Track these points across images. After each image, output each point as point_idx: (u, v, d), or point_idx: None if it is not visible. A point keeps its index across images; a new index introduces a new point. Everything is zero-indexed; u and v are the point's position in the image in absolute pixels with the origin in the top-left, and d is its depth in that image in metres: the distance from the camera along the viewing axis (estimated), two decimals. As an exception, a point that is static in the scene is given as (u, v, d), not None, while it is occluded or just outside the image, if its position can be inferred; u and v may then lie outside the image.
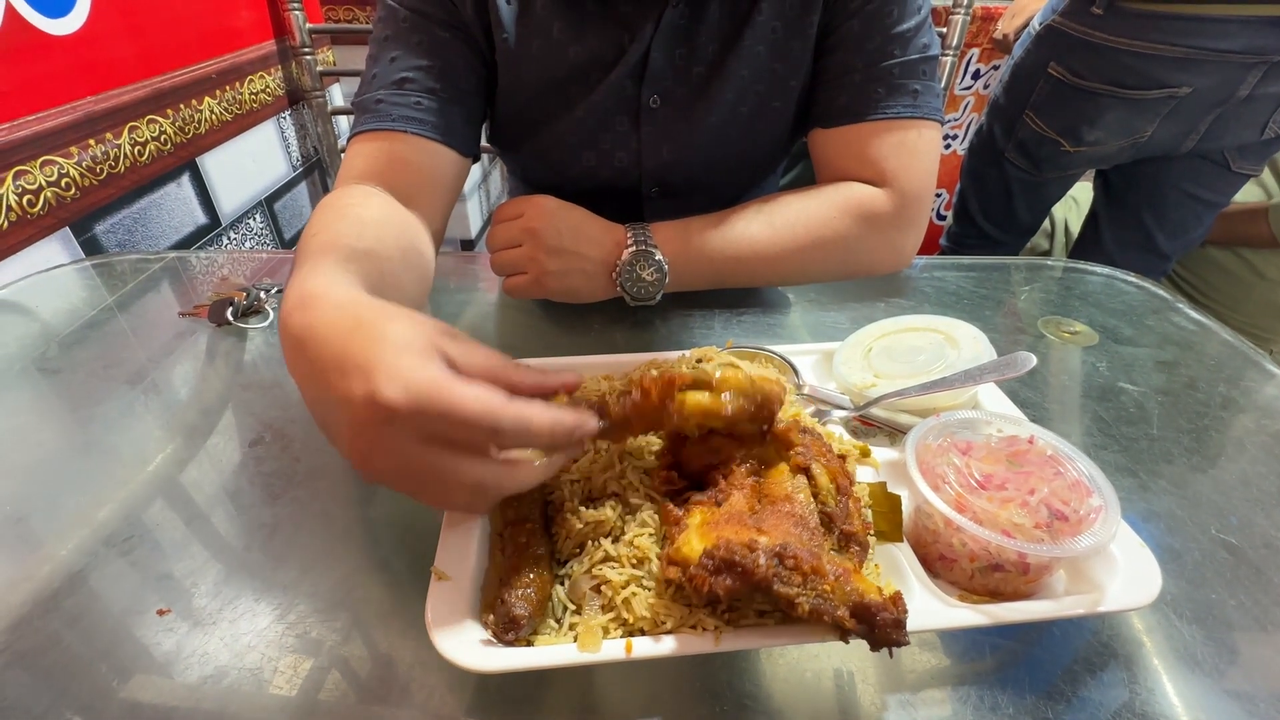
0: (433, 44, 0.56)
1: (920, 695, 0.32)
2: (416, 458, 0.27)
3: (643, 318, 0.61)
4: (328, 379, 0.28)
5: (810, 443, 0.35)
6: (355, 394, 0.27)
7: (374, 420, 0.27)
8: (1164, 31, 0.85)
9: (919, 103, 0.57)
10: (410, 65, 0.55)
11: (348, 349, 0.28)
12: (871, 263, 0.61)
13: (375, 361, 0.27)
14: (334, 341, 0.29)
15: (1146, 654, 0.34)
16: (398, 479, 0.29)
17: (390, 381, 0.26)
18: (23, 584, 0.37)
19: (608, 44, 0.58)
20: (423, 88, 0.55)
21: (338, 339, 0.29)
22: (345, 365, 0.28)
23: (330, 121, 1.35)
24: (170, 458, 0.46)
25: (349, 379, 0.27)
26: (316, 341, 0.30)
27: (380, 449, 0.28)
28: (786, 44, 0.59)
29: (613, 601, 0.31)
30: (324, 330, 0.30)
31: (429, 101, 0.55)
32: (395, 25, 0.56)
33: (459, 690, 0.32)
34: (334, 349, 0.29)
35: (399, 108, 0.54)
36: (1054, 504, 0.33)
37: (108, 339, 0.59)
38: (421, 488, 0.29)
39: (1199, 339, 0.61)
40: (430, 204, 0.55)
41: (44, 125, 0.76)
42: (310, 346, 0.30)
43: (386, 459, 0.28)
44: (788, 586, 0.28)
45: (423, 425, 0.27)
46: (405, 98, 0.54)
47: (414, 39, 0.55)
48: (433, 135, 0.55)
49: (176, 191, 0.99)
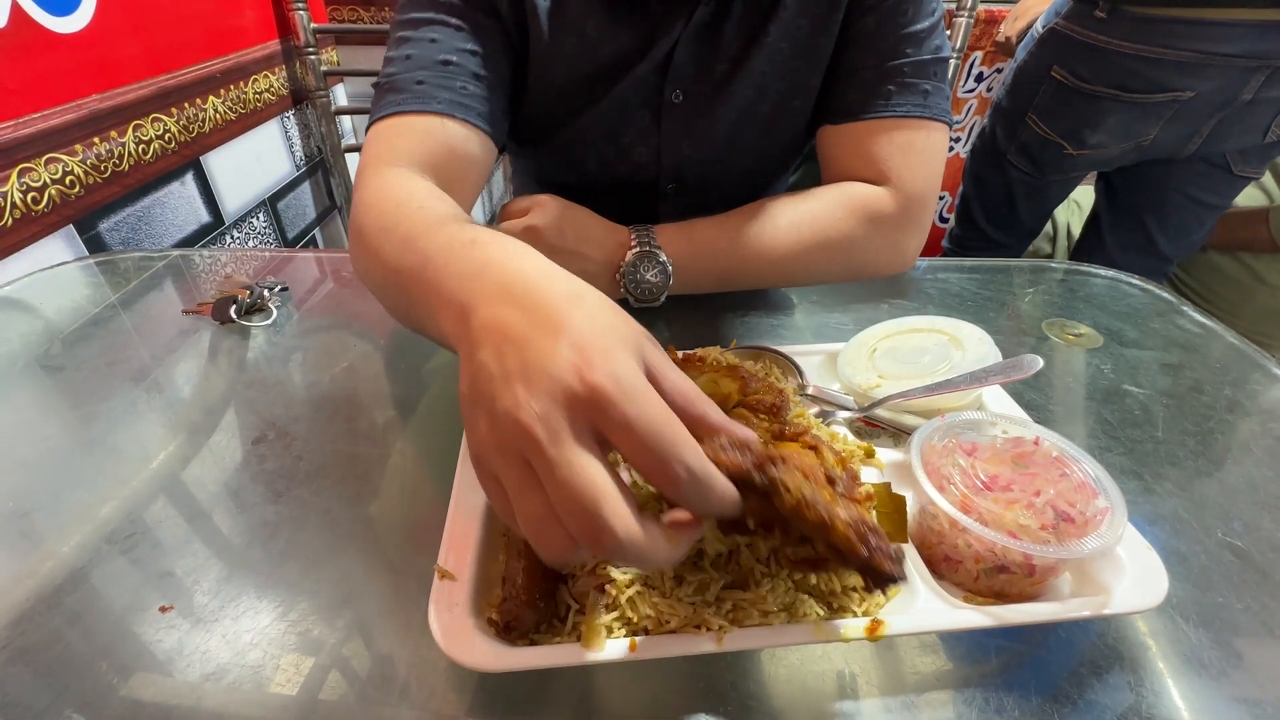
0: (476, 29, 0.54)
1: (924, 697, 0.32)
2: (581, 457, 0.24)
3: (647, 319, 0.61)
4: (531, 334, 0.25)
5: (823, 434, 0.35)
6: (561, 360, 0.24)
7: (572, 397, 0.24)
8: (1167, 35, 0.85)
9: (928, 103, 0.57)
10: (454, 48, 0.53)
11: (569, 316, 0.26)
12: (875, 264, 0.61)
13: (592, 338, 0.25)
14: (553, 299, 0.26)
15: (1152, 657, 0.34)
16: (522, 472, 0.25)
17: (604, 362, 0.24)
18: (25, 580, 0.37)
19: (637, 41, 0.58)
20: (468, 72, 0.53)
21: (558, 300, 0.26)
22: (559, 328, 0.25)
23: (334, 121, 1.35)
24: (173, 455, 0.46)
25: (557, 339, 0.25)
26: (533, 292, 0.27)
27: (556, 427, 0.24)
28: (811, 41, 0.58)
29: (616, 601, 0.31)
30: (542, 284, 0.27)
31: (474, 87, 0.53)
32: (434, 6, 0.53)
33: (461, 689, 0.32)
34: (551, 307, 0.26)
35: (444, 90, 0.51)
36: (1060, 506, 0.33)
37: (111, 336, 0.59)
38: (542, 491, 0.24)
39: (1204, 342, 0.61)
40: (467, 192, 0.53)
41: (49, 123, 0.76)
42: (525, 294, 0.27)
43: (550, 441, 0.24)
44: (787, 475, 0.26)
45: (613, 425, 0.24)
46: (450, 80, 0.52)
47: (456, 21, 0.53)
48: (478, 123, 0.52)
49: (180, 190, 0.99)
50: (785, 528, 0.28)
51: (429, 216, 0.38)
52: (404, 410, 0.50)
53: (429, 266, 0.33)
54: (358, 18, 1.39)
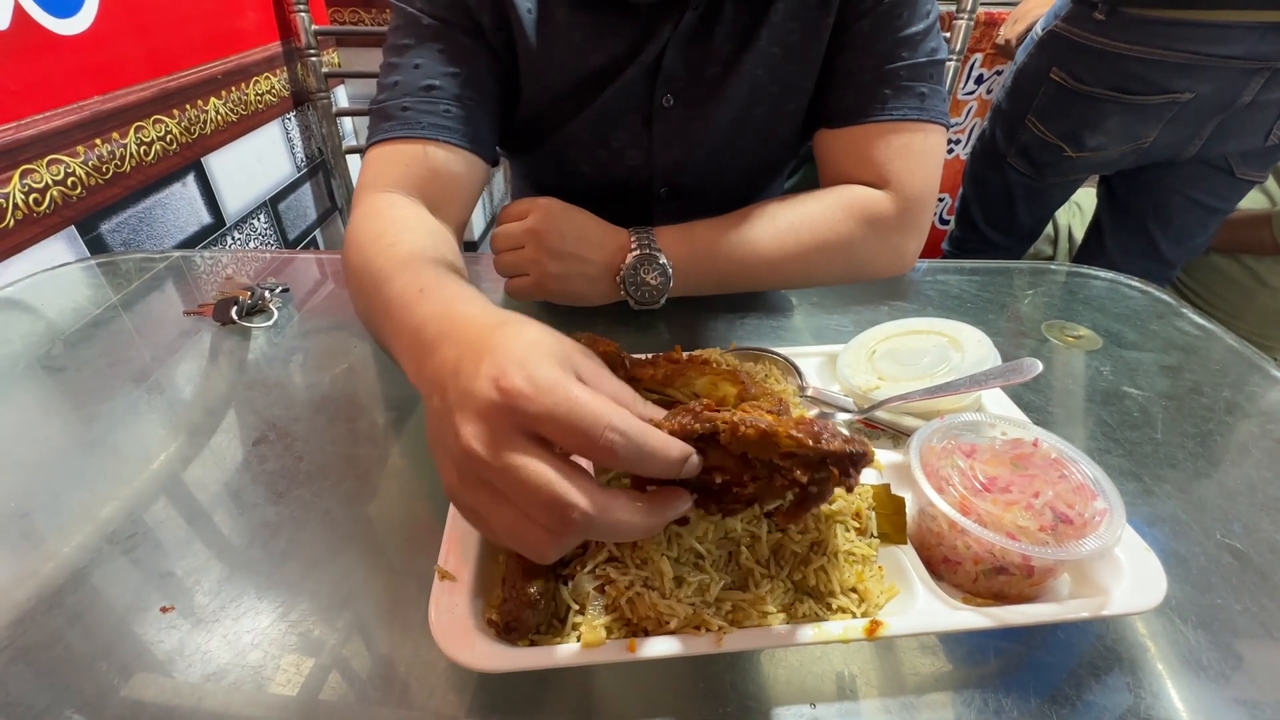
0: (457, 51, 0.56)
1: (924, 698, 0.32)
2: (519, 458, 0.25)
3: (646, 321, 0.61)
4: (462, 365, 0.28)
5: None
6: (482, 379, 0.26)
7: (493, 407, 0.26)
8: (1166, 37, 0.85)
9: (925, 105, 0.58)
10: (436, 72, 0.55)
11: (493, 340, 0.28)
12: (874, 266, 0.61)
13: (510, 353, 0.27)
14: (480, 331, 0.29)
15: (1151, 658, 0.34)
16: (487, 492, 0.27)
17: (520, 369, 0.26)
18: (26, 580, 0.37)
19: (626, 46, 0.58)
20: (450, 95, 0.55)
21: (486, 330, 0.29)
22: (484, 353, 0.27)
23: (335, 123, 1.36)
24: (174, 456, 0.46)
25: (480, 363, 0.27)
26: (466, 329, 0.30)
27: (490, 440, 0.26)
28: (802, 45, 0.59)
29: (616, 601, 0.31)
30: (474, 319, 0.31)
31: (457, 109, 0.55)
32: (417, 31, 0.56)
33: (461, 690, 0.32)
34: (479, 337, 0.29)
35: (427, 115, 0.54)
36: (1059, 507, 0.33)
37: (112, 337, 0.59)
38: (508, 501, 0.27)
39: (1203, 344, 0.61)
40: (456, 211, 0.56)
41: (51, 124, 0.77)
42: (460, 332, 0.30)
43: (490, 454, 0.26)
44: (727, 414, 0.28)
45: (537, 419, 0.25)
46: (433, 105, 0.54)
47: (438, 46, 0.55)
48: (461, 143, 0.55)
49: (181, 191, 1.00)
50: (751, 470, 0.30)
51: (395, 258, 0.42)
52: (404, 411, 0.51)
53: (388, 319, 0.38)
54: (359, 19, 1.39)
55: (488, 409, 0.26)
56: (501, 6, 0.56)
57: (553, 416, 0.25)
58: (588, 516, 0.26)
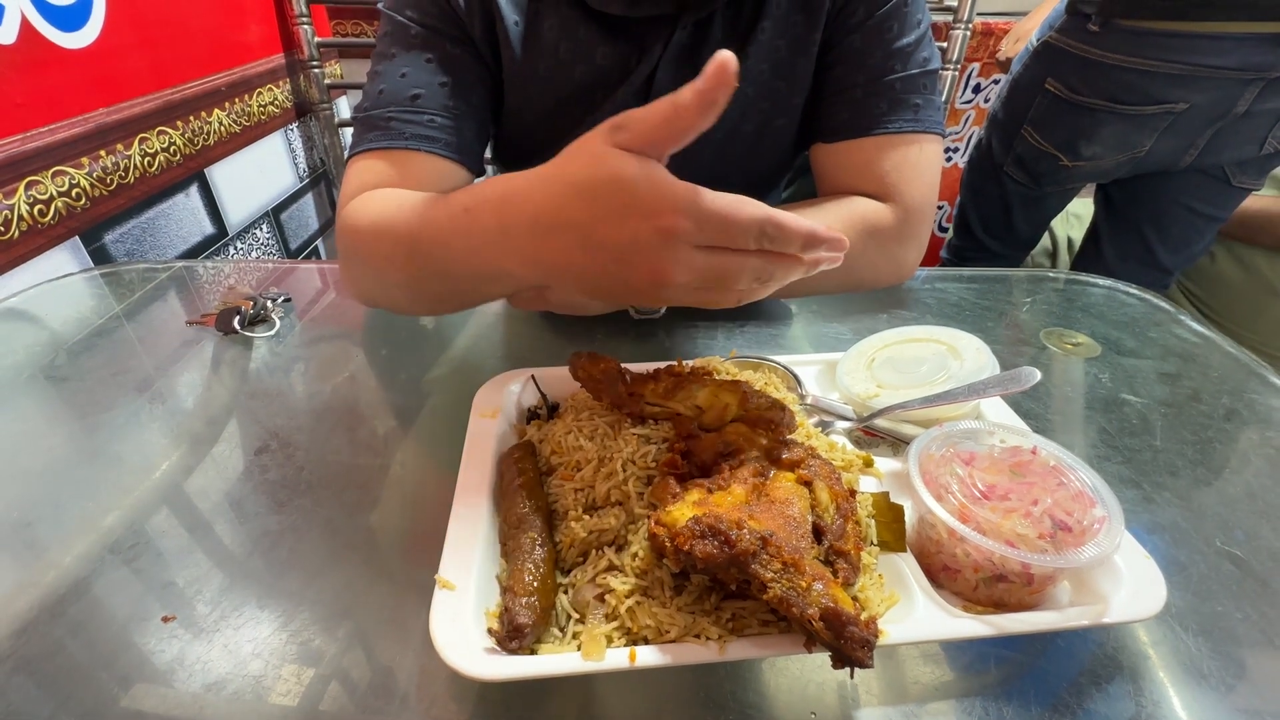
0: (444, 60, 0.56)
1: (925, 707, 0.32)
2: (704, 260, 0.32)
3: (647, 330, 0.62)
4: (599, 234, 0.32)
5: (820, 466, 0.36)
6: (643, 233, 0.31)
7: (669, 244, 0.31)
8: (1160, 48, 0.86)
9: (920, 117, 0.58)
10: (422, 81, 0.55)
11: (596, 203, 0.32)
12: (874, 277, 0.62)
13: (636, 199, 0.31)
14: (567, 205, 0.33)
15: (1152, 666, 0.34)
16: (691, 288, 0.33)
17: (669, 208, 0.31)
18: (28, 590, 0.37)
19: (615, 64, 0.58)
20: (436, 105, 0.55)
21: (568, 202, 0.32)
22: (611, 215, 0.31)
23: (337, 133, 1.37)
24: (175, 465, 0.46)
25: (627, 223, 0.31)
26: (550, 212, 0.33)
27: (678, 265, 0.32)
28: (790, 62, 0.59)
29: (616, 610, 0.31)
30: (547, 181, 0.34)
31: (442, 119, 0.55)
32: (405, 40, 0.56)
33: (461, 699, 0.32)
34: (575, 210, 0.32)
35: (412, 125, 0.54)
36: (1058, 515, 0.33)
37: (115, 347, 0.59)
38: (713, 285, 0.33)
39: (1202, 351, 0.61)
40: None
41: (56, 136, 0.77)
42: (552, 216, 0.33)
43: (684, 271, 0.32)
44: (764, 568, 0.28)
45: (707, 235, 0.31)
46: (418, 115, 0.54)
47: (425, 55, 0.56)
48: (446, 153, 0.55)
49: (185, 202, 1.00)
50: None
51: (410, 210, 0.44)
52: (405, 421, 0.51)
53: (448, 251, 0.40)
54: (361, 31, 1.41)
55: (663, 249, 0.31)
56: (490, 17, 0.56)
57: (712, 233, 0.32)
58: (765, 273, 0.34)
